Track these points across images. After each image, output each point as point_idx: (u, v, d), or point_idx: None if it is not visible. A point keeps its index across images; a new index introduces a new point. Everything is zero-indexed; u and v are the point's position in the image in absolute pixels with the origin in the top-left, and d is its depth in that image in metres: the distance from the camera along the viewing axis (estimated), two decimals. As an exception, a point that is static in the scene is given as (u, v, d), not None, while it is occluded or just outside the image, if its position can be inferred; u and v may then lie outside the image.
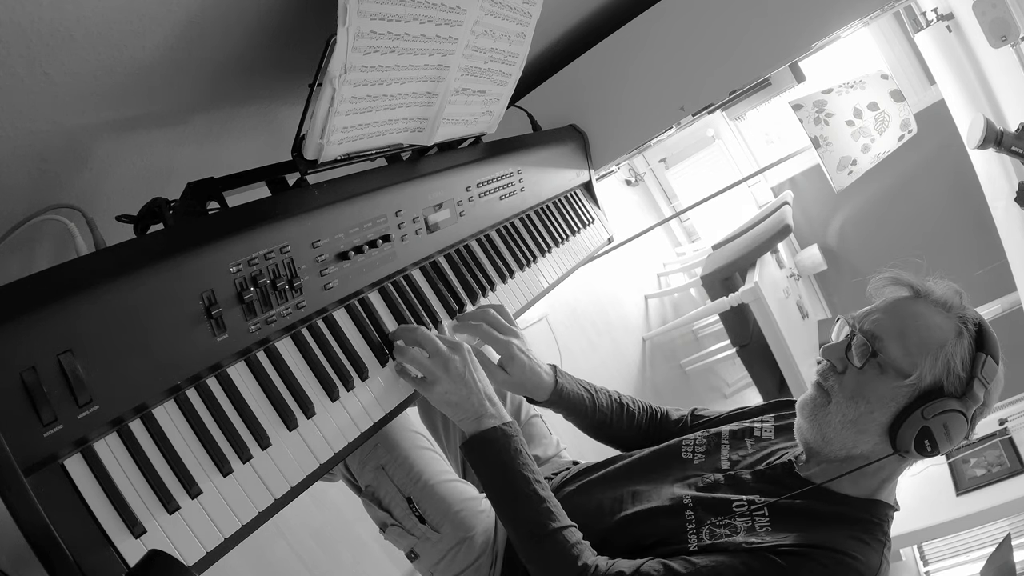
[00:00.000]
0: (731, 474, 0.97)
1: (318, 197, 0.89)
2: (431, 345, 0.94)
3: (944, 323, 0.88)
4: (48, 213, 0.78)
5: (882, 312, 0.91)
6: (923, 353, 0.86)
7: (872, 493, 0.91)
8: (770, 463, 0.97)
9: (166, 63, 0.80)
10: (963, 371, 0.86)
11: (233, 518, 0.71)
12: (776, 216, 3.37)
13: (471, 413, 0.94)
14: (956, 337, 0.87)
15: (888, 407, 0.87)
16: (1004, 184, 2.85)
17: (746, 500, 0.91)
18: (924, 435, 0.85)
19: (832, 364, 0.92)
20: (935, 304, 0.90)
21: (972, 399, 0.85)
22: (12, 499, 0.55)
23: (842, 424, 0.89)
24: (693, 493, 0.95)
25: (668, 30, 1.61)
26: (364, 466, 1.10)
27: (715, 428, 1.09)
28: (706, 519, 0.90)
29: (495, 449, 0.93)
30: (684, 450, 1.05)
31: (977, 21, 2.33)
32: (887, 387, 0.87)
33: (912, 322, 0.88)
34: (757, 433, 1.05)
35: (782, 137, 4.58)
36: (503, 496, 0.93)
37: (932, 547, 3.41)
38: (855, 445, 0.89)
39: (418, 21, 0.84)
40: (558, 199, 1.56)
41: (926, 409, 0.84)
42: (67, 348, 0.61)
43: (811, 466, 0.94)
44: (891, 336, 0.88)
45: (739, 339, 3.36)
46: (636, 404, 1.21)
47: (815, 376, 0.94)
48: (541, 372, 1.11)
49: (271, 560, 1.60)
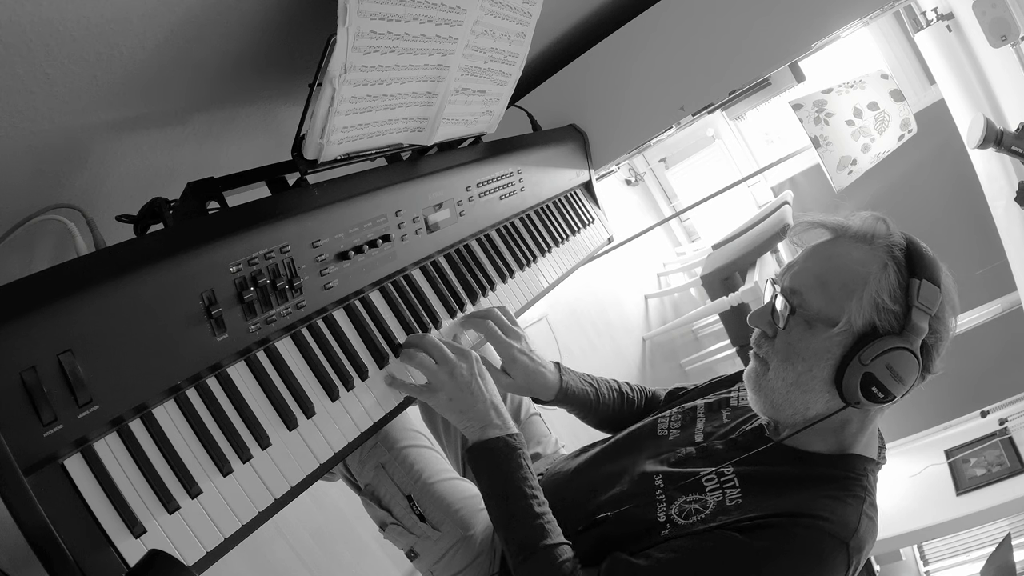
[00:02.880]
0: (703, 446, 0.95)
1: (318, 197, 0.89)
2: (438, 352, 0.93)
3: (866, 257, 0.83)
4: (48, 213, 0.78)
5: (800, 263, 0.87)
6: (847, 295, 0.81)
7: (845, 448, 0.87)
8: (742, 431, 0.95)
9: (166, 63, 0.80)
10: (895, 304, 0.80)
11: (233, 518, 0.71)
12: (776, 216, 3.37)
13: (476, 421, 0.93)
14: (881, 269, 0.81)
15: (826, 361, 0.82)
16: (1004, 184, 2.85)
17: (715, 473, 0.88)
18: (869, 381, 0.79)
19: (763, 332, 0.88)
20: (854, 239, 0.85)
21: (914, 331, 0.79)
22: (12, 499, 0.55)
23: (785, 388, 0.85)
24: (664, 469, 0.93)
25: (668, 30, 1.61)
26: (364, 465, 1.11)
27: (691, 402, 1.08)
28: (676, 496, 0.88)
29: (497, 460, 0.92)
30: (659, 427, 1.04)
31: (977, 21, 2.34)
32: (818, 340, 0.82)
33: (830, 265, 0.84)
34: (734, 403, 1.03)
35: (782, 137, 4.58)
36: (499, 508, 0.91)
37: (932, 547, 3.42)
38: (807, 406, 0.85)
39: (418, 21, 0.84)
40: (558, 199, 1.56)
41: (863, 354, 0.79)
42: (67, 348, 0.61)
43: (780, 431, 0.91)
44: (810, 287, 0.84)
45: (739, 339, 3.36)
46: (634, 391, 1.22)
47: (752, 348, 0.91)
48: (545, 372, 1.11)
49: (271, 560, 1.60)
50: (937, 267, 0.83)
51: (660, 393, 1.22)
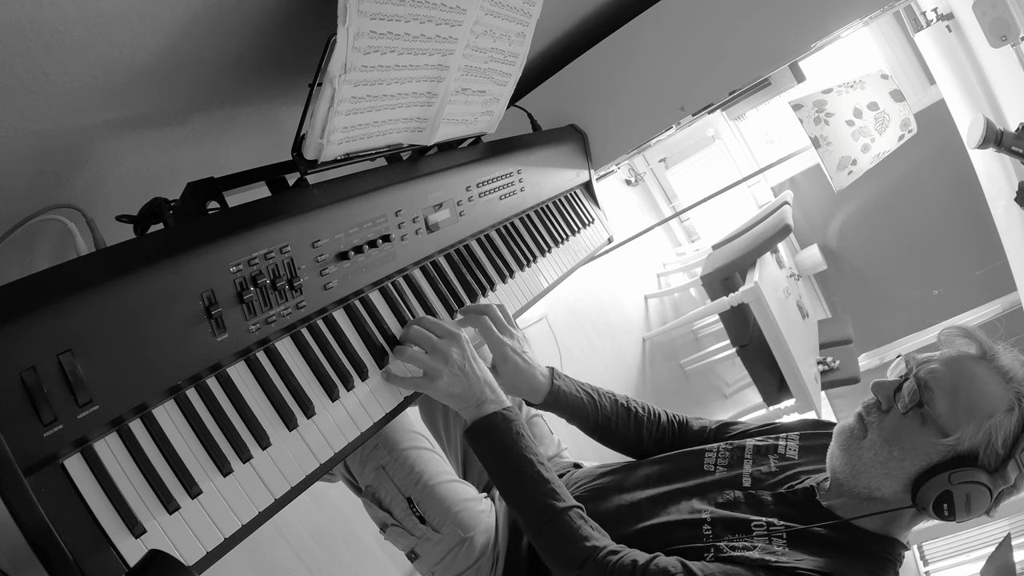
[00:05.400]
0: (751, 492, 0.96)
1: (318, 197, 0.89)
2: (427, 342, 0.95)
3: (999, 393, 0.85)
4: (48, 213, 0.78)
5: (942, 364, 0.89)
6: (969, 417, 0.84)
7: (888, 532, 0.91)
8: (791, 487, 0.96)
9: (166, 63, 0.80)
10: (1003, 448, 0.84)
11: (233, 518, 0.71)
12: (776, 216, 3.37)
13: (472, 401, 0.95)
14: (1006, 411, 0.84)
15: (920, 460, 0.86)
16: (1004, 184, 2.85)
17: (765, 522, 0.90)
18: (945, 498, 0.84)
19: (878, 400, 0.91)
20: (997, 371, 0.88)
21: (1003, 478, 0.84)
22: (12, 499, 0.55)
23: (872, 462, 0.88)
24: (712, 510, 0.94)
25: (668, 30, 1.61)
26: (364, 466, 1.10)
27: (740, 441, 1.08)
28: (723, 535, 0.90)
29: (497, 433, 0.94)
30: (706, 461, 1.04)
31: (977, 21, 2.34)
32: (924, 440, 0.85)
33: (967, 383, 0.87)
34: (781, 451, 1.04)
35: (782, 137, 4.58)
36: (507, 479, 0.93)
37: (932, 547, 3.42)
38: (879, 487, 0.89)
39: (418, 21, 0.84)
40: (558, 199, 1.56)
41: (954, 474, 0.83)
42: (67, 348, 0.61)
43: (832, 496, 0.93)
44: (943, 390, 0.86)
45: (739, 339, 3.36)
46: (646, 410, 1.18)
47: (859, 407, 0.93)
48: (536, 374, 1.09)
49: (271, 560, 1.61)
50: None
51: (692, 422, 1.19)
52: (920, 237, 4.42)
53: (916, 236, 4.43)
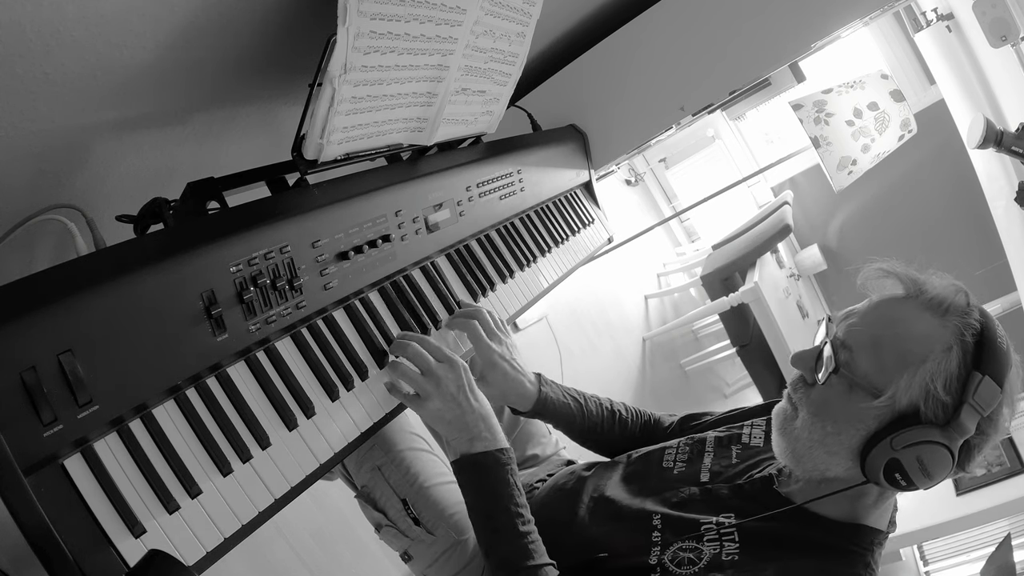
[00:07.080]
0: (708, 488, 0.91)
1: (318, 197, 0.89)
2: (423, 363, 0.91)
3: (932, 332, 0.74)
4: (48, 213, 0.78)
5: (859, 316, 0.79)
6: (900, 369, 0.73)
7: (856, 517, 0.81)
8: (750, 476, 0.90)
9: (166, 63, 0.80)
10: (946, 394, 0.72)
11: (233, 518, 0.71)
12: (776, 216, 3.37)
13: (464, 433, 0.91)
14: (944, 351, 0.73)
15: (856, 430, 0.76)
16: (1004, 184, 2.85)
17: (716, 523, 0.84)
18: (894, 467, 0.73)
19: (803, 375, 0.82)
20: (927, 305, 0.76)
21: (958, 429, 0.71)
22: (12, 499, 0.55)
23: (809, 442, 0.79)
24: (664, 510, 0.90)
25: (668, 30, 1.61)
26: (360, 466, 1.10)
27: (701, 434, 1.05)
28: (672, 541, 0.84)
29: (483, 475, 0.90)
30: (666, 458, 1.01)
31: (977, 21, 2.34)
32: (854, 407, 0.75)
33: (890, 330, 0.76)
34: (745, 440, 1.00)
35: (782, 137, 4.58)
36: (484, 523, 0.89)
37: (932, 547, 3.42)
38: (827, 467, 0.79)
39: (418, 21, 0.84)
40: (558, 199, 1.56)
41: (896, 438, 0.72)
42: (67, 348, 0.61)
43: (791, 483, 0.86)
44: (862, 347, 0.76)
45: (739, 339, 3.36)
46: (630, 412, 1.18)
47: (788, 385, 0.85)
48: (524, 381, 1.07)
49: (271, 560, 1.60)
50: (1006, 364, 0.74)
51: (664, 419, 1.17)
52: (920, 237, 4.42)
53: (916, 236, 4.42)
